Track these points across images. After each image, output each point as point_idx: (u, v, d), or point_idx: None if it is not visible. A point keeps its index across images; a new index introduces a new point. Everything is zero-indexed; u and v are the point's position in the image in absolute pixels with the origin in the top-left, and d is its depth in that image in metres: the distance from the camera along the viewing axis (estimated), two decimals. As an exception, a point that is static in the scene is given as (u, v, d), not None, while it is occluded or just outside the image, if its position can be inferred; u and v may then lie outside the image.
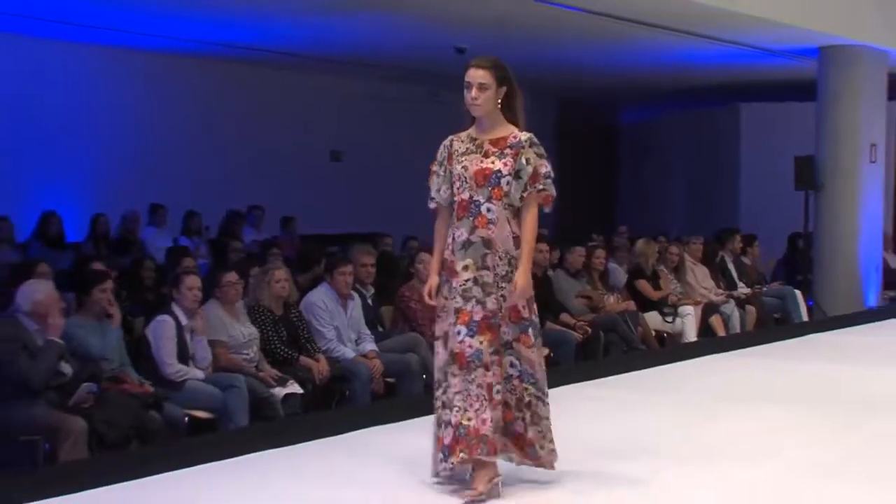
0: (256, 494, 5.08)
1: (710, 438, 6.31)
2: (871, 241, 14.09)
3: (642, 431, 6.45)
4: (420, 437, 6.21)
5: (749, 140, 18.26)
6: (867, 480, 5.38)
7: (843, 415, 7.04)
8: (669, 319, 11.32)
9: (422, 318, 8.76)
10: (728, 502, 5.00)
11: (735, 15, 11.54)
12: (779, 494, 5.10)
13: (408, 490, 5.05)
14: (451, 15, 11.57)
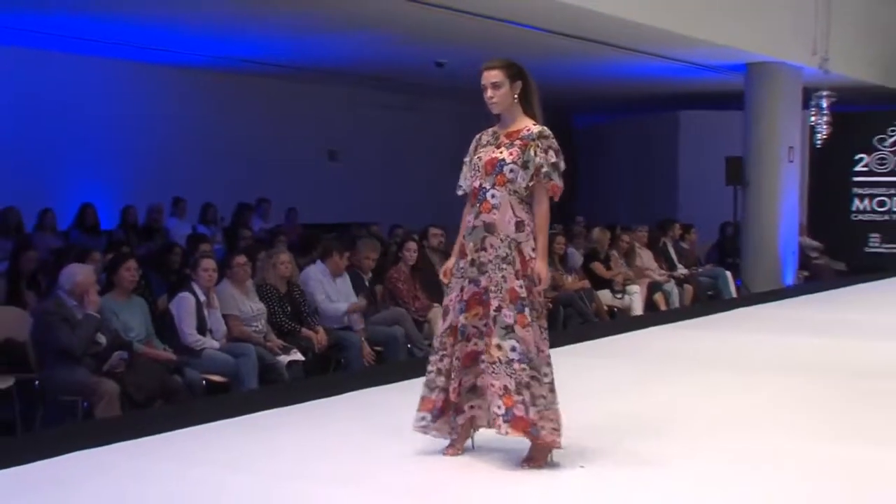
0: (265, 445, 5.09)
1: (656, 396, 6.36)
2: (788, 229, 14.15)
3: (600, 390, 6.48)
4: (405, 395, 6.24)
5: (686, 143, 18.31)
6: (778, 427, 5.44)
7: (762, 375, 7.10)
8: (619, 296, 11.36)
9: (406, 296, 8.79)
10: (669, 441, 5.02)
11: (676, 35, 11.55)
12: (703, 436, 5.15)
13: (396, 438, 5.05)
14: (432, 33, 11.55)
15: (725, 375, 7.09)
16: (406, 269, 8.95)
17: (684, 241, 13.62)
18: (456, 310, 4.70)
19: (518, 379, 4.54)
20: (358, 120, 16.81)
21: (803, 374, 7.15)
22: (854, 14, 14.88)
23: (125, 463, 4.77)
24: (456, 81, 15.64)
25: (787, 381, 6.90)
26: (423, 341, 8.48)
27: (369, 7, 9.94)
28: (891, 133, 16.54)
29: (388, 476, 4.54)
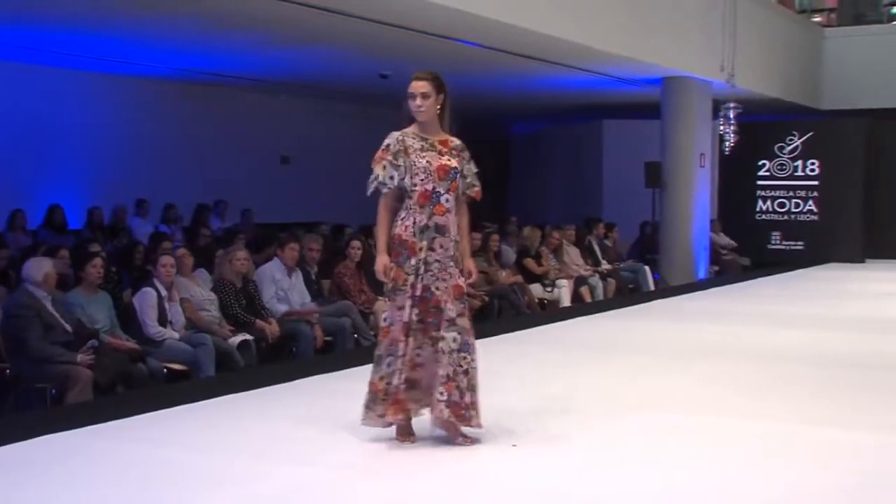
0: (224, 428, 5.07)
1: (583, 380, 6.44)
2: (701, 228, 14.34)
3: (532, 375, 6.54)
4: (352, 382, 6.24)
5: (610, 149, 18.47)
6: (695, 406, 5.53)
7: (679, 360, 7.21)
8: (549, 290, 11.43)
9: (353, 290, 8.78)
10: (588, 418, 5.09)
11: (600, 52, 11.66)
12: (627, 416, 5.23)
13: (345, 421, 5.06)
14: (377, 48, 11.54)
15: (646, 361, 7.18)
16: (352, 265, 8.94)
17: (608, 239, 13.74)
18: (408, 306, 4.60)
19: (458, 368, 4.59)
20: (309, 127, 16.77)
21: (715, 359, 7.27)
22: (757, 35, 15.15)
23: (95, 445, 4.73)
24: (399, 91, 15.66)
25: (701, 365, 7.02)
26: (368, 331, 8.48)
27: (320, 24, 9.91)
28: (789, 141, 16.84)
29: (339, 455, 4.55)
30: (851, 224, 16.58)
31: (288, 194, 16.01)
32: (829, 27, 18.73)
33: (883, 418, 5.39)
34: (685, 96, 13.90)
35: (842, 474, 4.30)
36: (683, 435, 4.94)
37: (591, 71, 13.22)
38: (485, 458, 4.50)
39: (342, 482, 4.18)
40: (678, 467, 4.38)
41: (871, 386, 6.29)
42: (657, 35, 12.66)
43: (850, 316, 9.89)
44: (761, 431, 5.02)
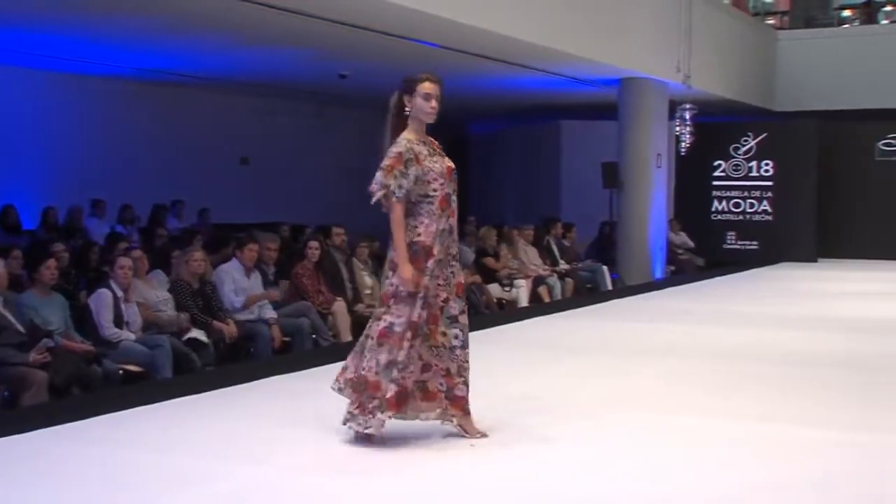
0: (182, 429, 5.03)
1: (542, 379, 6.46)
2: (658, 228, 14.46)
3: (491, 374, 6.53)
4: (310, 382, 6.23)
5: (568, 149, 18.56)
6: (653, 406, 5.55)
7: (636, 358, 7.26)
8: (507, 289, 11.46)
9: (311, 290, 8.74)
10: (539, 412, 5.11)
11: (558, 52, 11.71)
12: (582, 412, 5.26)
13: (302, 420, 5.04)
14: (336, 48, 11.50)
15: (604, 360, 7.22)
16: (310, 265, 8.90)
17: (566, 238, 13.79)
18: (418, 307, 4.55)
19: (459, 363, 4.70)
20: (268, 127, 16.66)
21: (673, 358, 7.33)
22: (712, 37, 15.30)
23: (54, 447, 4.67)
24: (357, 91, 15.61)
25: (659, 364, 7.07)
26: (327, 332, 8.46)
27: (279, 24, 9.85)
28: (744, 142, 17.02)
29: (297, 455, 4.53)
30: (805, 224, 16.80)
31: (246, 194, 15.92)
32: (781, 30, 18.98)
33: (839, 416, 5.46)
34: (642, 97, 14.01)
35: (804, 471, 4.35)
36: (644, 433, 4.97)
37: (548, 72, 13.27)
38: (444, 458, 4.49)
39: (303, 482, 4.16)
40: (641, 465, 4.41)
41: (823, 384, 6.37)
42: (614, 36, 12.75)
43: (803, 315, 10.01)
44: (721, 429, 5.07)
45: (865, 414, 5.51)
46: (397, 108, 4.84)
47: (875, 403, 5.79)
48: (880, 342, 8.22)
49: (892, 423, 5.32)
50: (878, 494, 4.07)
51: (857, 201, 17.13)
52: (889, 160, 17.03)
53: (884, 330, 8.92)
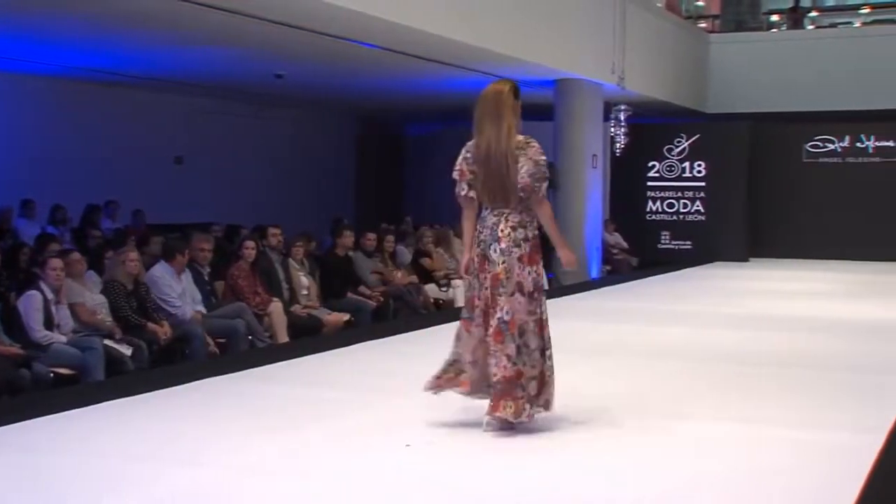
0: (114, 432, 4.96)
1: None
2: (594, 228, 14.59)
3: (428, 374, 6.54)
4: (246, 383, 6.19)
5: (505, 150, 18.60)
6: (587, 403, 5.56)
7: (572, 357, 7.30)
8: (444, 289, 11.49)
9: (247, 291, 8.68)
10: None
11: (494, 53, 11.76)
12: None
13: (237, 422, 5.01)
14: (272, 48, 11.42)
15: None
16: (246, 265, 8.83)
17: (502, 238, 13.84)
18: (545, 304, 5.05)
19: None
20: (203, 127, 16.49)
21: (608, 356, 7.42)
22: (646, 39, 15.50)
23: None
24: (294, 92, 15.52)
25: (594, 362, 7.15)
26: (263, 333, 8.40)
27: (215, 23, 9.75)
28: (677, 143, 17.29)
29: (231, 456, 4.50)
30: (736, 224, 17.11)
31: (181, 194, 15.72)
32: (713, 33, 19.30)
33: (765, 413, 5.58)
34: (577, 98, 14.12)
35: (729, 466, 4.43)
36: (579, 431, 5.02)
37: (485, 72, 13.31)
38: (380, 457, 4.50)
39: (240, 484, 4.14)
40: (574, 460, 4.46)
41: (752, 381, 6.50)
42: (549, 38, 12.85)
43: (734, 314, 10.19)
44: (656, 426, 5.15)
45: (787, 409, 5.63)
46: (514, 107, 5.06)
47: (797, 397, 5.93)
48: (807, 340, 8.41)
49: (817, 418, 5.45)
50: (814, 489, 4.17)
51: (786, 202, 17.50)
52: (815, 162, 17.43)
53: (812, 328, 9.14)
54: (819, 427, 5.18)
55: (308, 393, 5.93)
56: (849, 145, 17.23)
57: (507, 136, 4.95)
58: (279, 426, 5.06)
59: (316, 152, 18.86)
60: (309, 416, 5.31)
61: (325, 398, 5.75)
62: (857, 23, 20.06)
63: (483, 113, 5.05)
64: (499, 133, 4.96)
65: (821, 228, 17.21)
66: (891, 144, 16.99)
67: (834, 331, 8.95)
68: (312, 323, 9.00)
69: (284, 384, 6.25)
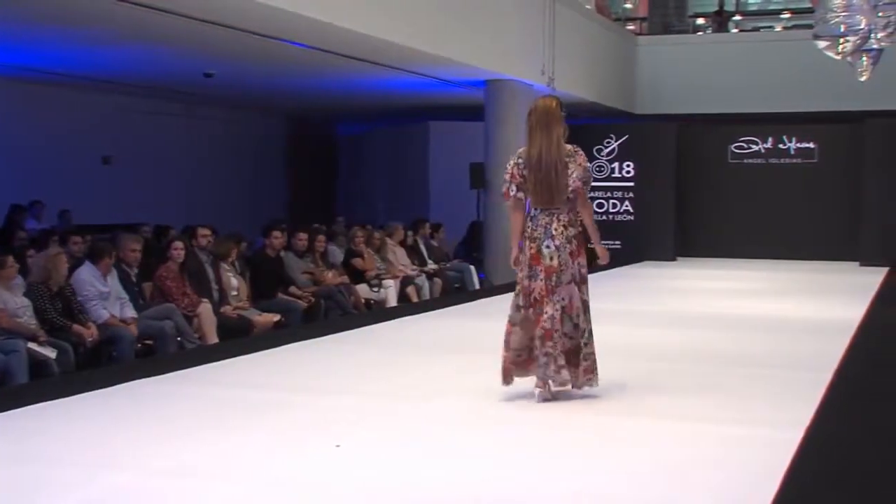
0: (38, 436, 4.87)
1: (410, 378, 6.49)
2: (525, 227, 14.64)
3: (358, 373, 6.55)
4: (175, 385, 6.13)
5: (436, 150, 18.67)
6: (521, 401, 5.67)
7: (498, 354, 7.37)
8: (375, 290, 11.47)
9: (175, 293, 8.57)
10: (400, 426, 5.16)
11: (425, 54, 11.78)
12: (451, 421, 5.32)
13: (166, 425, 4.96)
14: (201, 46, 11.29)
15: (472, 358, 7.30)
16: (175, 266, 8.72)
17: (434, 238, 13.90)
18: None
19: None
20: (131, 126, 16.23)
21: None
22: (576, 40, 15.66)
23: None
24: (225, 91, 15.37)
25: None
26: (192, 334, 8.31)
27: (143, 21, 9.61)
28: (607, 144, 17.50)
29: (158, 460, 4.45)
30: (664, 224, 17.38)
31: (109, 195, 15.47)
32: (641, 35, 19.58)
33: (687, 409, 5.69)
34: (508, 99, 14.18)
35: (651, 460, 4.51)
36: (513, 428, 5.08)
37: (416, 73, 13.34)
38: (310, 458, 4.49)
39: (165, 487, 4.10)
40: (509, 459, 4.50)
41: (676, 377, 6.61)
42: (480, 38, 12.91)
43: (662, 312, 10.35)
44: (588, 422, 5.24)
45: (709, 405, 5.75)
46: (561, 119, 5.80)
47: (720, 393, 6.05)
48: (732, 337, 8.57)
49: (739, 414, 5.56)
50: (735, 484, 4.26)
51: (712, 202, 17.82)
52: (740, 163, 17.78)
53: (736, 326, 9.32)
54: (741, 422, 5.28)
55: (237, 394, 5.89)
56: (772, 146, 17.62)
57: (557, 145, 5.71)
58: (208, 428, 5.02)
59: (247, 152, 18.70)
60: (238, 417, 5.28)
61: (255, 399, 5.71)
62: (779, 27, 20.54)
63: (535, 124, 5.79)
64: (549, 142, 5.71)
65: (746, 228, 17.57)
66: (810, 146, 17.42)
67: (758, 328, 9.14)
68: (242, 324, 8.93)
69: (213, 386, 6.21)
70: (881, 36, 6.21)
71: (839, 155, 17.16)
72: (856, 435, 5.06)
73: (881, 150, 16.31)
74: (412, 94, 15.70)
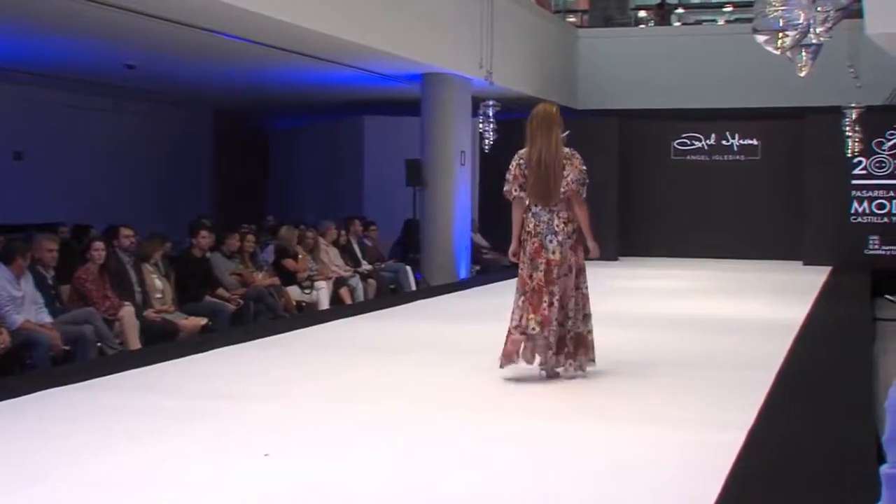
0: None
1: (342, 382, 6.48)
2: (462, 226, 14.74)
3: (287, 379, 6.51)
4: (94, 392, 6.03)
5: (371, 145, 18.67)
6: (461, 404, 5.69)
7: (441, 357, 7.41)
8: (307, 291, 11.43)
9: (95, 296, 8.44)
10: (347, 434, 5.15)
11: (358, 46, 11.76)
12: (392, 426, 5.32)
13: (84, 435, 4.88)
14: (123, 36, 11.14)
15: (407, 359, 7.35)
16: (95, 268, 8.59)
17: (367, 238, 13.87)
18: None
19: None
20: (46, 120, 15.93)
21: (479, 356, 7.48)
22: (515, 34, 15.76)
23: None
24: (147, 83, 15.17)
25: (463, 362, 7.23)
26: (113, 339, 8.18)
27: (61, 10, 9.45)
28: (547, 140, 17.57)
29: (78, 471, 4.38)
30: (606, 223, 17.52)
31: (22, 192, 15.16)
32: (582, 28, 19.75)
33: (630, 411, 5.75)
34: (445, 93, 14.25)
35: (591, 464, 4.56)
36: (451, 435, 5.08)
37: (350, 66, 13.31)
38: (237, 469, 4.45)
39: (85, 500, 4.03)
40: (447, 464, 4.51)
41: (619, 379, 6.69)
42: (416, 31, 12.93)
43: (604, 312, 10.40)
44: (525, 428, 5.26)
45: (651, 406, 5.83)
46: (561, 124, 6.49)
47: (662, 395, 6.14)
48: (674, 337, 8.70)
49: (681, 415, 5.65)
50: (676, 487, 4.32)
51: (655, 200, 18.05)
52: (683, 159, 18.05)
53: (678, 325, 9.47)
54: (682, 423, 5.36)
55: (160, 402, 5.82)
56: (715, 143, 17.90)
57: (556, 147, 6.42)
58: (130, 438, 4.95)
59: (173, 148, 18.48)
60: (161, 426, 5.21)
61: (179, 408, 5.65)
62: (721, 21, 20.87)
63: (536, 127, 6.45)
64: (549, 144, 6.40)
65: (689, 226, 17.83)
66: (753, 143, 17.74)
67: (701, 328, 9.30)
68: (167, 328, 8.83)
69: (136, 393, 6.13)
70: (820, 31, 6.34)
71: (782, 152, 17.50)
72: (799, 436, 5.16)
73: (822, 147, 16.64)
74: (346, 88, 15.67)
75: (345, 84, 15.18)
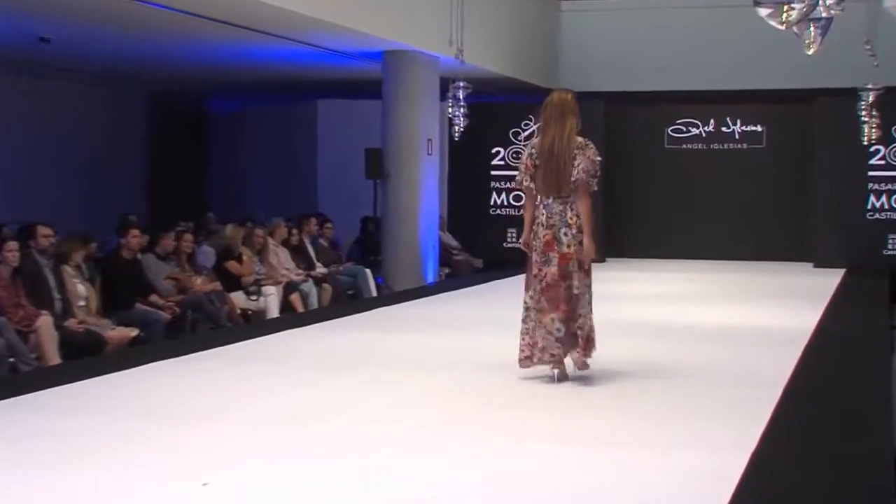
0: None
1: (287, 400, 6.46)
2: (429, 224, 14.71)
3: (230, 397, 6.48)
4: (7, 415, 5.99)
5: (325, 133, 18.63)
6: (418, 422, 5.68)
7: (401, 372, 7.40)
8: (254, 298, 11.39)
9: (7, 304, 8.37)
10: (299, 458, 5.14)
11: (308, 18, 11.71)
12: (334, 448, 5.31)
13: (3, 464, 4.85)
14: (36, 7, 11.04)
15: (364, 375, 7.34)
16: (7, 273, 8.51)
17: (322, 237, 13.83)
18: None
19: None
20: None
21: (445, 370, 7.52)
22: (490, 7, 15.73)
23: None
24: (66, 60, 15.04)
25: (427, 377, 7.26)
26: (28, 354, 8.11)
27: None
28: (525, 126, 17.60)
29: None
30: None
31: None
32: (565, 1, 19.75)
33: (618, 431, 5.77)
34: (409, 73, 14.22)
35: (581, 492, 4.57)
36: (412, 458, 5.09)
37: (301, 42, 13.27)
38: (172, 499, 4.43)
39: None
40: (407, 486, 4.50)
41: (607, 395, 6.71)
42: (376, 2, 12.89)
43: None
44: (484, 449, 5.27)
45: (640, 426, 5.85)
46: (576, 112, 6.91)
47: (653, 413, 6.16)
48: (665, 348, 8.72)
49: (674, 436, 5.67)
50: None
51: (646, 194, 18.11)
52: (679, 148, 18.12)
53: (672, 336, 9.51)
54: (678, 446, 5.38)
55: (83, 424, 5.78)
56: (714, 130, 17.98)
57: (568, 136, 6.82)
58: (46, 465, 4.92)
59: (97, 134, 18.33)
60: (84, 451, 5.18)
61: (106, 430, 5.62)
62: (724, -10, 20.95)
63: (549, 115, 6.90)
64: (562, 133, 6.82)
65: (685, 224, 17.91)
66: (757, 129, 17.84)
67: (698, 338, 9.34)
68: (92, 340, 8.78)
69: (55, 414, 6.08)
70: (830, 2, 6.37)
71: (789, 140, 17.59)
72: (807, 460, 5.19)
73: (834, 133, 16.69)
74: (297, 67, 15.62)
75: (295, 63, 15.13)
